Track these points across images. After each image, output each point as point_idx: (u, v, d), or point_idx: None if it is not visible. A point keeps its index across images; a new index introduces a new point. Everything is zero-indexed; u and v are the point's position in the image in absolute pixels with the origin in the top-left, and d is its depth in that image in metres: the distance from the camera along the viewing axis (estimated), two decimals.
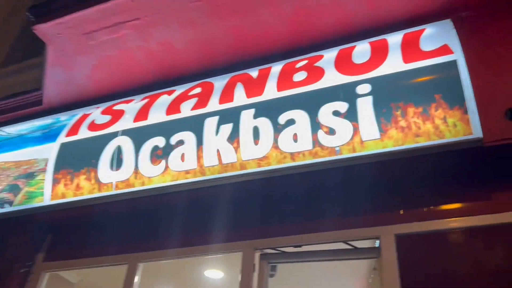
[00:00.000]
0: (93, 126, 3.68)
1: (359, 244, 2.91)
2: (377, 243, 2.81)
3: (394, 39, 3.05)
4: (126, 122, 3.54)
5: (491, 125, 2.50)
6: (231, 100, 3.23)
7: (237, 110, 3.14)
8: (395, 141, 2.64)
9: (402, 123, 2.65)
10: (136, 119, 3.52)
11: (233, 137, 3.03)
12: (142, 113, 3.54)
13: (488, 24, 2.88)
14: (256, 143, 2.94)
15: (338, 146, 2.75)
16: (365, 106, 2.77)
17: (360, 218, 2.86)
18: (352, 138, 2.73)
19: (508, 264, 2.37)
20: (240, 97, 3.22)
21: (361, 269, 3.65)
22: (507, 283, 2.31)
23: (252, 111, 3.08)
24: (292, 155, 2.83)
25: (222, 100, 3.28)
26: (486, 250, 2.45)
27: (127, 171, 3.28)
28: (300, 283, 3.99)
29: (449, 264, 2.49)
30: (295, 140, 2.85)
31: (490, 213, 2.50)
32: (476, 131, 2.48)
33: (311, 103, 2.92)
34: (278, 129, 2.92)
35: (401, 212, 2.77)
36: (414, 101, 2.68)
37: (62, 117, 3.97)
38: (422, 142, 2.58)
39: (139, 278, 3.31)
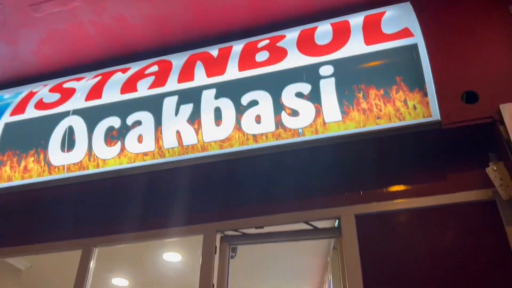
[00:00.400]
0: (41, 105, 3.45)
1: (320, 224, 2.95)
2: (336, 223, 2.86)
3: (356, 21, 3.05)
4: (78, 101, 3.35)
5: (449, 108, 2.58)
6: (191, 79, 3.13)
7: (198, 90, 3.04)
8: (356, 123, 2.66)
9: (364, 105, 2.68)
10: (88, 98, 3.34)
11: (194, 118, 2.94)
12: (95, 92, 3.36)
13: (446, 9, 2.95)
14: (218, 124, 2.87)
15: (301, 128, 2.73)
16: (328, 88, 2.77)
17: (320, 199, 2.89)
18: (315, 120, 2.72)
19: (463, 242, 2.47)
20: (200, 76, 3.12)
21: (320, 248, 3.72)
22: (461, 259, 2.42)
23: (213, 91, 3.00)
24: (255, 137, 2.79)
25: (181, 79, 3.16)
26: (442, 229, 2.55)
27: (80, 153, 3.12)
28: (261, 264, 4.02)
29: (408, 243, 2.57)
30: (258, 121, 2.81)
31: (446, 193, 2.59)
32: (435, 114, 2.54)
33: (274, 84, 2.88)
34: (240, 110, 2.86)
35: (361, 192, 2.82)
36: (376, 84, 2.70)
37: (6, 95, 3.70)
38: (383, 124, 2.62)
39: (94, 263, 3.19)
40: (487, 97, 2.56)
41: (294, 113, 2.77)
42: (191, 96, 3.03)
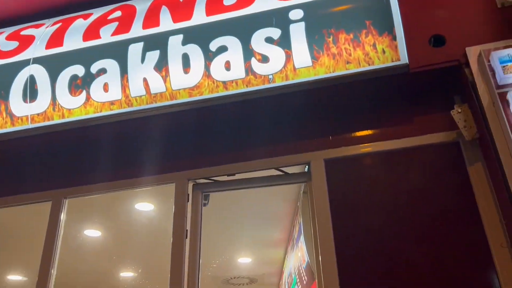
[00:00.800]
0: None
1: (290, 170, 2.99)
2: (306, 169, 2.91)
3: None
4: (38, 49, 3.20)
5: (417, 51, 2.59)
6: (156, 25, 3.02)
7: (164, 36, 2.94)
8: (326, 68, 2.66)
9: (334, 50, 2.66)
10: (49, 46, 3.19)
11: (161, 65, 2.86)
12: (56, 39, 3.21)
13: None
14: (186, 71, 2.81)
15: (271, 74, 2.71)
16: (298, 33, 2.73)
17: (291, 145, 2.91)
18: (285, 66, 2.70)
19: (427, 183, 2.57)
20: (166, 21, 3.01)
21: (290, 194, 3.80)
22: (426, 199, 2.52)
23: (180, 37, 2.91)
24: (225, 84, 2.75)
25: (146, 25, 3.05)
26: (408, 171, 2.64)
27: (43, 103, 3.02)
28: (233, 210, 4.09)
29: (375, 185, 2.65)
30: (228, 68, 2.76)
31: (412, 136, 2.66)
32: (403, 58, 2.56)
33: (243, 29, 2.81)
34: (209, 56, 2.80)
35: (330, 137, 2.85)
36: (346, 28, 2.68)
37: None
38: (353, 69, 2.62)
39: (65, 215, 3.17)
40: (454, 41, 2.58)
41: (264, 59, 2.73)
42: (157, 43, 2.93)
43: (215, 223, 4.14)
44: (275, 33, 2.76)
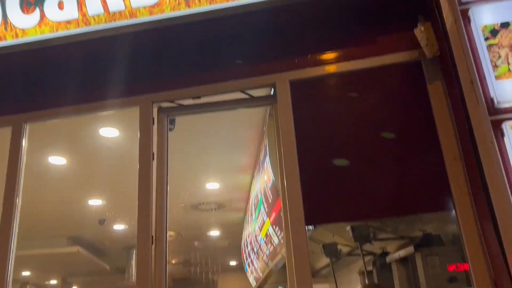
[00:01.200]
0: None
1: (255, 93, 2.99)
2: (272, 91, 2.91)
3: None
4: None
5: None
6: None
7: None
8: None
9: None
10: None
11: None
12: None
13: None
14: None
15: None
16: None
17: (256, 67, 2.89)
18: None
19: (389, 101, 2.65)
20: None
21: (256, 119, 3.82)
22: (388, 118, 2.61)
23: None
24: (187, 2, 2.65)
25: None
26: (371, 90, 2.69)
27: None
28: (199, 136, 4.10)
29: (338, 105, 2.71)
30: None
31: (375, 56, 2.67)
32: None
33: None
34: None
35: (295, 59, 2.84)
36: None
37: None
38: None
39: (27, 141, 3.10)
40: None
41: None
42: None
43: (182, 149, 4.15)
44: None
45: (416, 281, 3.01)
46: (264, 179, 4.01)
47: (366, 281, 3.43)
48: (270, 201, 3.82)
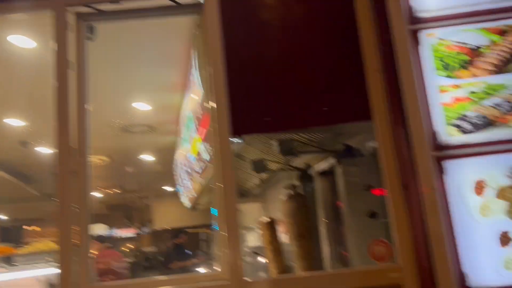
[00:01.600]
0: None
1: (183, 1, 2.83)
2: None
3: None
4: None
5: None
6: None
7: None
8: None
9: None
10: None
11: None
12: None
13: None
14: None
15: None
16: None
17: None
18: None
19: (316, 13, 2.61)
20: None
21: (184, 31, 3.64)
22: (315, 30, 2.59)
23: None
24: None
25: None
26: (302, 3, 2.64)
27: None
28: (124, 49, 3.87)
29: (268, 13, 2.64)
30: None
31: None
32: None
33: None
34: None
35: None
36: None
37: None
38: None
39: None
40: None
41: None
42: None
43: (105, 62, 3.92)
44: None
45: (337, 190, 3.18)
46: (194, 95, 3.94)
47: (292, 192, 3.60)
48: (200, 117, 3.78)
